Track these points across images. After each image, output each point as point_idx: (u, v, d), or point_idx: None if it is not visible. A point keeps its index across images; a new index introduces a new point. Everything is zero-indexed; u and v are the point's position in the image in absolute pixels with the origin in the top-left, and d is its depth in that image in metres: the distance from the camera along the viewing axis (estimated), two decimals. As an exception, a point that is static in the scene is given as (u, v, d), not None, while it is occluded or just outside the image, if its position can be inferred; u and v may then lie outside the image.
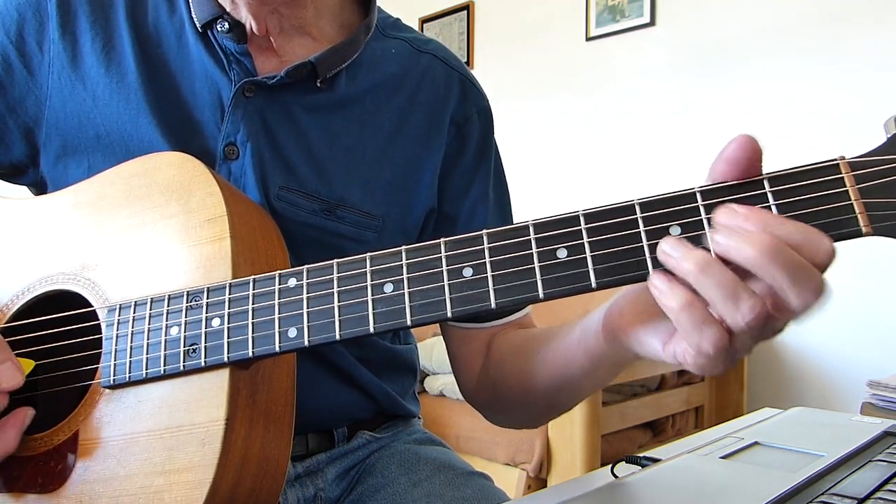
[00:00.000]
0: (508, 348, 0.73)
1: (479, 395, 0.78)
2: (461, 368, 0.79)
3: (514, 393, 0.70)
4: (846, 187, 0.41)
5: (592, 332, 0.55)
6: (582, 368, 0.59)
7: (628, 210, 0.44)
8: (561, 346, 0.62)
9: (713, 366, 0.43)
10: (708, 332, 0.41)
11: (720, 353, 0.41)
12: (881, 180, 0.41)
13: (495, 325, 0.76)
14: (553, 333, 0.65)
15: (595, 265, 0.44)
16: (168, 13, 0.72)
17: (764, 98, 2.50)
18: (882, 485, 0.51)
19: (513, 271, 0.46)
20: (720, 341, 0.41)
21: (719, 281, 0.40)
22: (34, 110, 0.71)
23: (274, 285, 0.52)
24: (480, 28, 3.48)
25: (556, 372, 0.63)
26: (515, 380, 0.69)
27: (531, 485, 1.99)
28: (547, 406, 0.70)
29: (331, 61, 0.71)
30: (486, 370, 0.75)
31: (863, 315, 2.23)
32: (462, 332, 0.77)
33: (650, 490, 0.54)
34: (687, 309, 0.41)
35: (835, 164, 0.42)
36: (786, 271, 0.38)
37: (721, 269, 0.40)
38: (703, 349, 0.41)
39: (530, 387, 0.67)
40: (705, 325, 0.41)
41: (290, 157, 0.70)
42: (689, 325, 0.41)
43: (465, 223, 0.78)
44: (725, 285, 0.40)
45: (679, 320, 0.41)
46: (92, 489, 0.55)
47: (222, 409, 0.52)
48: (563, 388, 0.64)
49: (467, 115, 0.79)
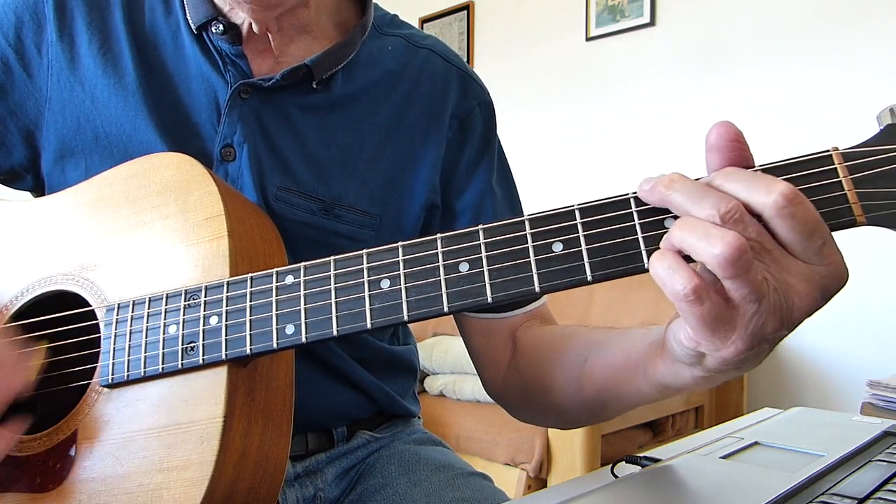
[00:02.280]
0: (543, 345, 0.70)
1: (506, 393, 0.75)
2: (486, 363, 0.76)
3: (548, 400, 0.67)
4: (839, 178, 0.41)
5: (653, 353, 0.51)
6: (639, 391, 0.55)
7: (623, 204, 0.45)
8: (617, 362, 0.57)
9: (714, 338, 0.41)
10: (678, 274, 0.40)
11: (694, 299, 0.40)
12: (874, 170, 0.41)
13: (516, 315, 0.74)
14: (604, 343, 0.61)
15: (590, 258, 0.44)
16: (164, 15, 0.72)
17: (764, 98, 2.50)
18: (882, 485, 0.51)
19: (509, 265, 0.46)
20: (690, 280, 0.40)
21: (693, 225, 0.40)
22: (34, 113, 0.71)
23: (271, 283, 0.52)
24: (480, 28, 3.48)
25: (607, 390, 0.59)
26: (550, 387, 0.66)
27: (531, 485, 1.99)
28: (587, 417, 0.67)
29: (327, 63, 0.71)
30: (515, 367, 0.73)
31: (863, 315, 2.23)
32: (484, 323, 0.75)
33: (650, 490, 0.54)
34: (660, 257, 0.41)
35: (827, 155, 0.42)
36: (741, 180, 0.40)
37: (695, 219, 0.41)
38: (677, 292, 0.40)
39: (569, 396, 0.64)
40: (675, 268, 0.40)
41: (287, 157, 0.70)
42: (664, 272, 0.40)
43: (473, 217, 0.77)
44: (698, 227, 0.40)
45: (657, 272, 0.41)
46: (91, 488, 0.55)
47: (220, 406, 0.52)
48: (610, 405, 0.60)
49: (469, 109, 0.79)
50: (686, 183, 0.42)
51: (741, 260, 0.38)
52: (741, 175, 0.41)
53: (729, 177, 0.42)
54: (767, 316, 0.41)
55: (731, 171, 0.42)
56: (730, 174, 0.42)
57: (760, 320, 0.41)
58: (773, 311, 0.41)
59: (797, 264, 0.41)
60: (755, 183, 0.40)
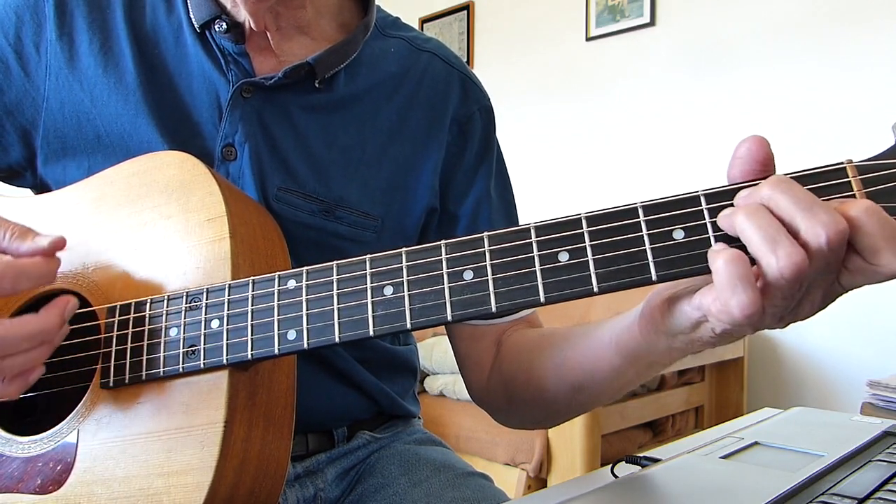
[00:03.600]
0: (525, 345, 0.72)
1: (489, 395, 0.76)
2: (471, 367, 0.77)
3: (531, 391, 0.69)
4: (853, 191, 0.41)
5: (627, 326, 0.54)
6: (612, 366, 0.57)
7: (631, 213, 0.44)
8: (591, 344, 0.60)
9: (734, 325, 0.42)
10: (742, 293, 0.39)
11: (746, 319, 0.40)
12: (889, 184, 0.40)
13: (504, 322, 0.75)
14: (580, 332, 0.63)
15: (597, 269, 0.44)
16: (166, 13, 0.72)
17: (764, 98, 2.50)
18: (882, 485, 0.51)
19: (514, 274, 0.46)
20: (750, 307, 0.39)
21: (763, 223, 0.39)
22: (31, 113, 0.71)
23: (273, 287, 0.52)
24: (480, 28, 3.48)
25: (582, 370, 0.61)
26: (533, 377, 0.68)
27: (531, 485, 1.99)
28: (566, 405, 0.68)
29: (329, 62, 0.71)
30: (499, 367, 0.74)
31: (863, 315, 2.23)
32: (470, 329, 0.76)
33: (650, 490, 0.54)
34: (731, 261, 0.40)
35: (841, 168, 0.41)
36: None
37: (767, 213, 0.40)
38: (730, 307, 0.40)
39: (550, 385, 0.66)
40: (741, 284, 0.39)
41: (289, 157, 0.70)
42: (726, 279, 0.40)
43: (470, 223, 0.77)
44: (770, 226, 0.39)
45: (718, 271, 0.40)
46: (90, 491, 0.54)
47: (221, 410, 0.52)
48: (586, 387, 0.62)
49: (469, 113, 0.79)
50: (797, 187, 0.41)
51: (798, 278, 0.39)
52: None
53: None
54: (783, 315, 0.42)
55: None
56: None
57: (776, 316, 0.42)
58: (788, 312, 0.42)
59: (832, 282, 0.41)
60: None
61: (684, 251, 0.43)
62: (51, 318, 0.52)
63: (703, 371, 2.44)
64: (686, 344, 0.48)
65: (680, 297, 0.46)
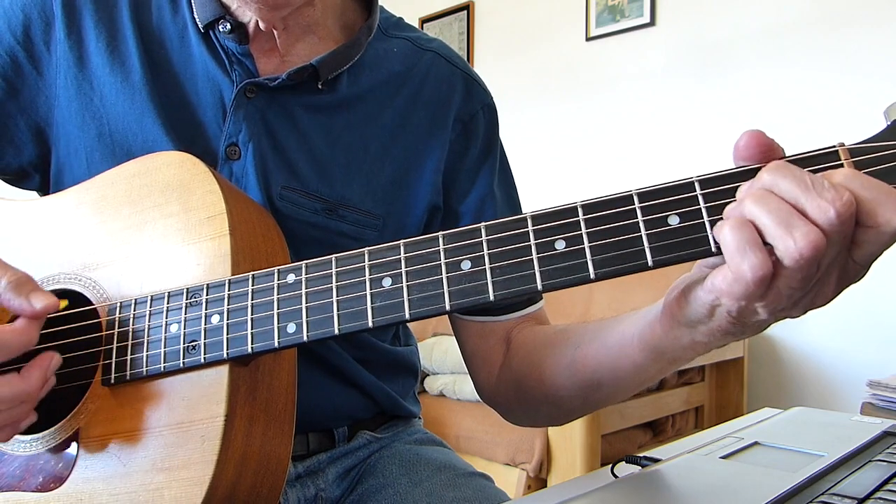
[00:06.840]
0: (535, 343, 0.71)
1: (499, 394, 0.75)
2: (480, 365, 0.77)
3: (544, 389, 0.68)
4: None
5: (650, 322, 0.53)
6: (634, 363, 0.56)
7: (626, 200, 0.44)
8: (611, 340, 0.59)
9: (747, 297, 0.41)
10: (751, 255, 0.39)
11: (758, 282, 0.40)
12: (881, 166, 0.41)
13: (512, 319, 0.75)
14: (594, 328, 0.62)
15: (594, 255, 0.44)
16: (171, 14, 0.73)
17: (764, 98, 2.50)
18: (882, 485, 0.51)
19: (511, 263, 0.46)
20: (761, 268, 0.39)
21: (773, 207, 0.39)
22: (44, 110, 0.71)
23: (273, 281, 0.53)
24: (480, 28, 3.48)
25: (601, 367, 0.60)
26: (546, 375, 0.67)
27: (531, 485, 1.99)
28: (581, 403, 0.67)
29: (332, 64, 0.71)
30: (509, 364, 0.73)
31: (863, 315, 2.23)
32: (478, 325, 0.76)
33: (650, 490, 0.54)
34: (738, 227, 0.40)
35: (834, 151, 0.42)
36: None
37: (775, 197, 0.40)
38: (742, 272, 0.40)
39: (562, 382, 0.65)
40: (750, 247, 0.39)
41: (292, 157, 0.70)
42: (734, 245, 0.40)
43: (474, 220, 0.76)
44: (780, 210, 0.39)
45: (726, 239, 0.40)
46: (92, 487, 0.55)
47: (222, 405, 0.52)
48: (604, 384, 0.62)
49: (472, 112, 0.79)
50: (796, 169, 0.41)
51: (815, 257, 0.39)
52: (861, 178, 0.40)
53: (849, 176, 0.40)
54: (800, 299, 0.42)
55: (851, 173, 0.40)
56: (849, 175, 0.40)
57: (793, 299, 0.42)
58: (805, 296, 0.42)
59: (846, 259, 0.41)
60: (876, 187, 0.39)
61: (679, 236, 0.43)
62: (32, 380, 0.53)
63: (703, 371, 2.44)
64: (707, 336, 0.48)
65: (694, 284, 0.46)
